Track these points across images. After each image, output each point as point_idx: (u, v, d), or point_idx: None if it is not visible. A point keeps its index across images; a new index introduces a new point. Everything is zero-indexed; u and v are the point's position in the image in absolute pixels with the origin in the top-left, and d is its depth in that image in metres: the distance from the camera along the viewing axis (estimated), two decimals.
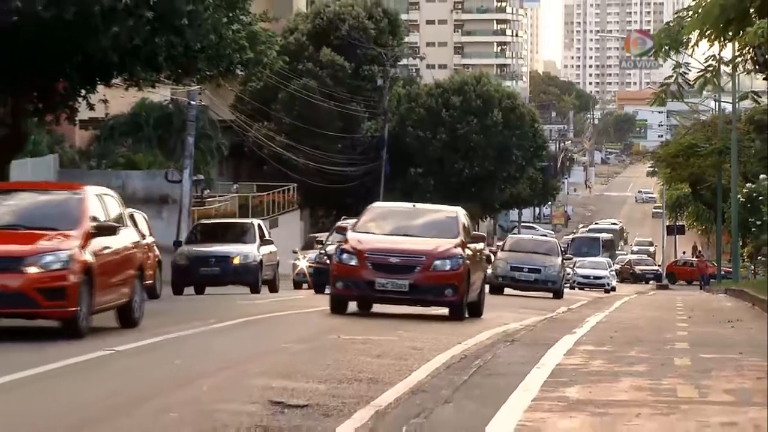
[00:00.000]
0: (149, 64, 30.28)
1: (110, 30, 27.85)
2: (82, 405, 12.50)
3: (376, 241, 24.52)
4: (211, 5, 29.60)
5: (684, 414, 12.39)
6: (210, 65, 31.49)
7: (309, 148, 75.46)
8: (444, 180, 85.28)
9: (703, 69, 30.56)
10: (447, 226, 25.32)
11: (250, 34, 31.67)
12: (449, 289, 23.60)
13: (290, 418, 11.88)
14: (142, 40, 28.47)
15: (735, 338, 21.75)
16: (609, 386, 14.37)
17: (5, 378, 13.81)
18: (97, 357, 16.23)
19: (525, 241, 49.54)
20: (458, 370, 15.86)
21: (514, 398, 13.12)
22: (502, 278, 43.05)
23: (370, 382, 14.41)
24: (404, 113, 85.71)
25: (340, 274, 24.03)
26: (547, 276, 42.97)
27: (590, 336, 21.46)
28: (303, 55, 79.22)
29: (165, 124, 64.04)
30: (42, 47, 28.20)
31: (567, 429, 11.41)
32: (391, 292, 23.69)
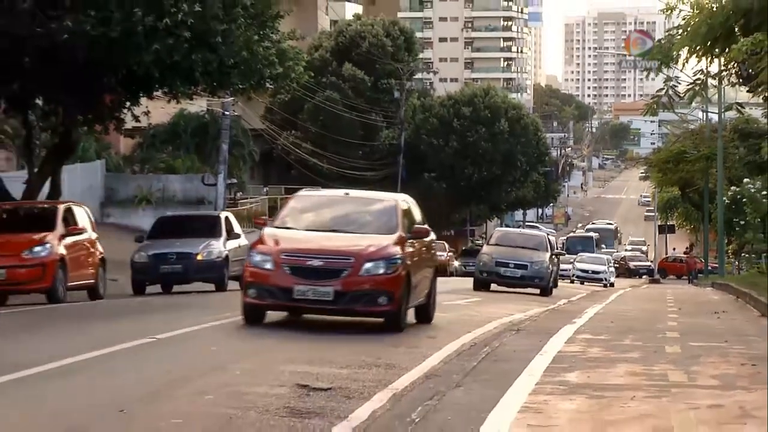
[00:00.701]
0: (187, 79, 30.30)
1: (152, 48, 27.89)
2: (131, 386, 12.52)
3: (296, 239, 18.97)
4: (243, 25, 29.61)
5: (674, 397, 12.37)
6: (242, 79, 31.48)
7: (332, 154, 75.53)
8: (455, 183, 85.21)
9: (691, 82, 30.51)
10: (384, 219, 19.61)
11: (279, 51, 31.66)
12: (383, 296, 18.06)
13: (315, 400, 11.89)
14: (180, 56, 28.49)
15: (721, 328, 21.70)
16: (606, 371, 14.35)
17: (66, 360, 13.86)
18: (142, 344, 16.27)
19: (512, 235, 42.83)
20: (468, 356, 15.86)
21: (519, 382, 13.11)
22: (487, 273, 37.57)
23: (387, 368, 14.41)
24: (419, 123, 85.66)
25: (252, 280, 18.46)
26: (534, 272, 36.98)
27: (588, 326, 21.43)
28: (327, 70, 79.28)
29: (201, 133, 64.09)
30: (90, 63, 28.24)
31: (567, 410, 11.40)
32: (312, 301, 18.16)
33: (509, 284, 37.00)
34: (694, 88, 30.58)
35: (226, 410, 11.10)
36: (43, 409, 11.21)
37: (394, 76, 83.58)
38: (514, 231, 47.62)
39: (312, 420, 10.84)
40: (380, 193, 22.87)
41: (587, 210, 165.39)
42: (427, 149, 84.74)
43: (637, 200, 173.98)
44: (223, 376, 13.13)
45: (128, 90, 31.37)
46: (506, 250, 38.03)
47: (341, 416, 11.06)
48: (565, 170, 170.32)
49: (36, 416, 10.82)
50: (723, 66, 30.81)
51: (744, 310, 27.71)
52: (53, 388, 12.46)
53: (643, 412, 11.35)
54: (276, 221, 19.77)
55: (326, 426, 10.59)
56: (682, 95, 30.84)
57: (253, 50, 30.22)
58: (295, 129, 77.17)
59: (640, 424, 10.69)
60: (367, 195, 21.87)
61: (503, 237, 41.21)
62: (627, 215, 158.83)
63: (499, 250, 38.20)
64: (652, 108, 31.33)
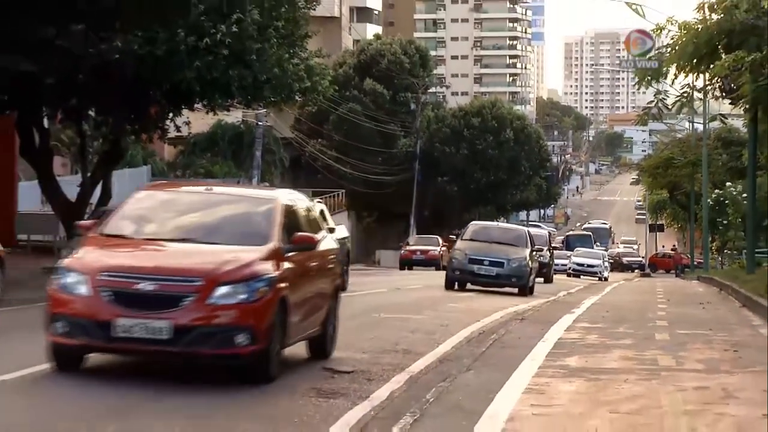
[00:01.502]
0: (225, 93, 30.31)
1: (193, 65, 27.93)
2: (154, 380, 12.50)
3: (125, 253, 11.96)
4: (275, 44, 29.63)
5: (664, 380, 12.34)
6: (274, 93, 31.47)
7: (355, 160, 75.48)
8: (465, 186, 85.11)
9: (679, 95, 30.53)
10: (255, 225, 12.48)
11: (307, 68, 31.66)
12: (242, 334, 11.13)
13: (339, 382, 11.89)
14: (219, 73, 28.52)
15: (706, 317, 21.65)
16: (602, 356, 14.33)
17: None
18: None
19: (489, 230, 34.64)
20: (477, 343, 15.86)
21: (523, 366, 13.10)
22: (459, 272, 30.97)
23: (405, 353, 14.41)
24: (433, 132, 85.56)
25: (59, 311, 11.39)
26: (511, 270, 30.45)
27: (586, 315, 21.40)
28: (350, 85, 79.23)
29: (237, 141, 64.13)
30: (138, 79, 28.30)
31: (567, 392, 11.38)
32: (141, 341, 11.06)
33: (484, 283, 30.69)
34: (682, 100, 30.62)
35: (257, 390, 11.10)
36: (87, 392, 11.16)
37: (411, 90, 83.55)
38: (490, 225, 38.14)
39: (337, 400, 10.84)
40: (256, 190, 17.04)
41: (585, 211, 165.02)
42: (440, 156, 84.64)
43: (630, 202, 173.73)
44: None
45: (172, 103, 31.41)
46: (481, 246, 31.27)
47: (363, 396, 11.06)
48: (565, 175, 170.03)
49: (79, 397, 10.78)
50: (708, 81, 30.80)
51: (727, 301, 27.64)
52: None
53: (636, 393, 11.32)
54: (105, 225, 12.65)
55: (349, 405, 10.59)
56: (671, 107, 30.84)
57: (284, 67, 30.21)
58: (321, 137, 77.15)
59: (633, 404, 10.67)
60: (237, 192, 15.22)
61: (479, 231, 33.44)
62: (620, 215, 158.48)
63: (473, 246, 31.30)
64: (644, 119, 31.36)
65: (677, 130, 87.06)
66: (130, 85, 28.41)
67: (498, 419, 9.77)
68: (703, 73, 28.85)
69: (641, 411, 10.31)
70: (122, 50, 27.00)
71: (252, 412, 10.03)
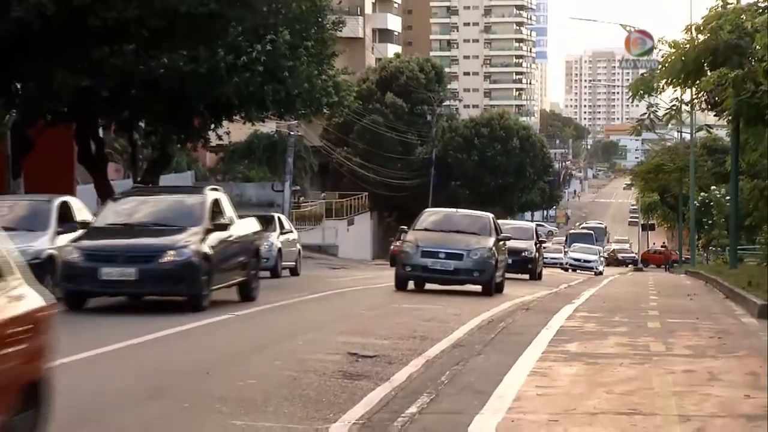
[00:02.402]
0: (260, 106, 30.35)
1: (232, 81, 27.97)
2: (216, 353, 12.57)
3: None
4: (305, 62, 29.66)
5: (655, 363, 12.31)
6: (305, 106, 31.50)
7: (377, 166, 75.52)
8: (476, 190, 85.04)
9: (669, 108, 30.39)
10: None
11: (334, 83, 31.69)
12: None
13: (363, 365, 11.90)
14: (255, 88, 28.56)
15: (693, 307, 21.57)
16: (599, 342, 14.30)
17: (158, 334, 13.91)
18: (223, 319, 16.32)
19: (445, 217, 26.31)
20: (487, 330, 15.84)
21: (528, 351, 13.08)
22: (411, 268, 23.56)
23: (421, 339, 14.41)
24: (447, 140, 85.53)
25: None
26: (473, 263, 23.24)
27: (585, 305, 21.34)
28: (372, 98, 79.27)
29: (271, 149, 64.25)
30: (183, 93, 28.37)
31: (568, 374, 11.36)
32: None
33: (441, 281, 23.78)
34: (671, 112, 30.49)
35: (290, 373, 11.13)
36: (140, 370, 11.26)
37: (427, 103, 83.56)
38: (447, 211, 28.06)
39: (360, 381, 10.85)
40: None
41: (584, 211, 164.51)
42: (454, 162, 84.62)
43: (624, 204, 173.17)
44: (289, 345, 13.17)
45: (213, 114, 31.47)
46: (436, 236, 24.06)
47: (384, 378, 11.06)
48: (566, 179, 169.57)
49: (139, 376, 10.87)
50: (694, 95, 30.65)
51: (712, 293, 27.52)
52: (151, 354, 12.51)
53: (630, 376, 11.30)
54: None
55: (372, 386, 10.60)
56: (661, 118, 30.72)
57: (313, 83, 30.24)
58: (347, 146, 77.23)
59: (627, 386, 10.65)
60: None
61: (434, 220, 25.62)
62: (615, 216, 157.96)
63: (428, 236, 24.06)
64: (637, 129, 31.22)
65: (667, 139, 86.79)
66: (175, 99, 28.48)
67: (506, 399, 9.76)
68: (690, 87, 28.77)
69: (635, 392, 10.29)
70: (168, 67, 27.07)
71: (287, 393, 10.06)
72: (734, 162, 32.71)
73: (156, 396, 9.78)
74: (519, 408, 9.35)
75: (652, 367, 12.00)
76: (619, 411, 9.29)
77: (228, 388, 10.17)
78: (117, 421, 8.73)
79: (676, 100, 30.35)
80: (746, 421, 8.91)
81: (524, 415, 9.05)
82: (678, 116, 32.55)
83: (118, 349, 12.59)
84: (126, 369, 11.33)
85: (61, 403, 9.22)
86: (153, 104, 28.70)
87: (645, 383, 10.80)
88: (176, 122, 30.61)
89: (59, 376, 7.73)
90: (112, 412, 9.06)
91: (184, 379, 10.78)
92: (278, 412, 9.15)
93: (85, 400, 9.44)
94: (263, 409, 9.28)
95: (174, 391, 10.09)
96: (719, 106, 28.57)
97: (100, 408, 9.19)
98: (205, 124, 31.96)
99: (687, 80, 27.48)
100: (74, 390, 9.95)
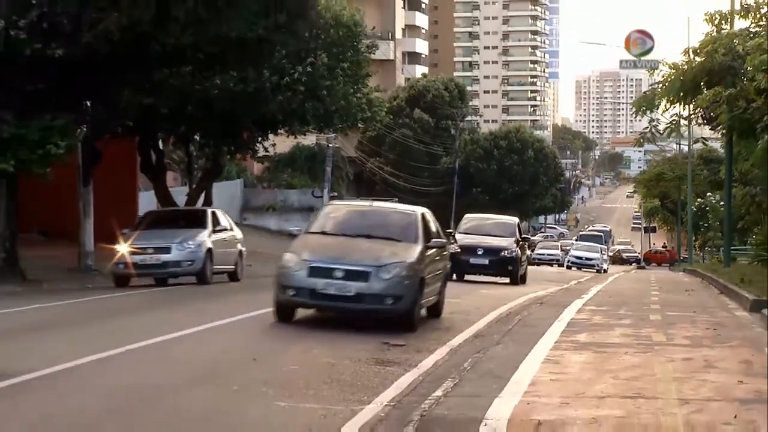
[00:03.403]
0: (302, 121, 30.47)
1: (277, 99, 28.10)
2: (260, 342, 12.56)
3: None
4: (342, 82, 29.75)
5: (656, 352, 12.24)
6: (341, 121, 31.62)
7: (406, 174, 75.52)
8: (495, 196, 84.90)
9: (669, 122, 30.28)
10: None
11: (368, 100, 31.78)
12: None
13: (393, 353, 11.88)
14: (297, 105, 28.69)
15: (690, 302, 21.44)
16: (606, 333, 14.23)
17: (212, 324, 13.94)
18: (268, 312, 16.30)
19: (351, 215, 15.34)
20: (505, 322, 15.79)
21: (542, 341, 13.03)
22: (295, 292, 13.54)
23: (446, 330, 14.37)
24: (469, 152, 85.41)
25: None
26: (383, 287, 13.35)
27: (593, 300, 21.25)
28: (402, 114, 79.31)
29: (312, 159, 64.36)
30: (233, 110, 28.48)
31: (578, 362, 11.31)
32: None
33: (336, 309, 13.96)
34: (671, 126, 30.38)
35: (328, 360, 11.13)
36: (193, 357, 11.29)
37: (451, 118, 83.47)
38: (354, 206, 16.41)
39: (391, 368, 10.83)
40: None
41: (592, 215, 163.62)
42: (475, 171, 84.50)
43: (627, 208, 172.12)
44: (326, 336, 13.15)
45: (260, 129, 31.59)
46: (334, 243, 14.31)
47: (412, 365, 11.04)
48: (575, 186, 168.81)
49: (190, 362, 10.89)
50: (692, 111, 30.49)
51: (707, 289, 27.33)
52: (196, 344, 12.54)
53: (634, 363, 11.24)
54: None
55: (402, 371, 10.58)
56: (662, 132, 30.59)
57: (349, 100, 30.34)
58: (379, 156, 77.26)
59: (631, 372, 10.59)
60: None
61: (335, 219, 15.28)
62: (620, 220, 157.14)
63: (323, 243, 14.35)
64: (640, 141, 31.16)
65: (667, 151, 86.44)
66: (226, 115, 28.62)
67: (522, 383, 9.73)
68: (688, 104, 28.64)
69: (638, 378, 10.23)
70: (220, 87, 27.21)
71: (325, 378, 10.06)
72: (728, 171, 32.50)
73: (209, 380, 9.80)
74: (534, 392, 9.31)
75: (654, 355, 11.93)
76: (624, 395, 9.24)
77: (272, 374, 10.18)
78: (175, 401, 8.76)
79: (675, 115, 30.26)
80: (740, 404, 8.85)
81: (539, 398, 9.02)
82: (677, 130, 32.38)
83: (181, 336, 12.64)
84: (184, 356, 11.36)
85: (138, 380, 9.27)
86: (207, 120, 28.86)
87: (647, 370, 10.74)
88: (227, 136, 30.78)
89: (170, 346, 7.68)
90: (172, 393, 9.08)
91: (233, 366, 10.80)
92: (318, 395, 9.15)
93: (146, 384, 9.48)
94: (304, 392, 9.28)
95: (224, 376, 10.11)
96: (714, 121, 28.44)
97: (160, 391, 9.22)
98: (253, 137, 32.10)
99: (685, 98, 27.42)
100: (144, 375, 10.01)
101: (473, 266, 26.37)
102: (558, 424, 7.94)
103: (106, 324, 14.34)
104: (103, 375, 9.90)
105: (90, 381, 9.56)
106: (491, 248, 26.49)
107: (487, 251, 26.39)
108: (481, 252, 26.33)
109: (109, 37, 19.26)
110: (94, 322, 14.63)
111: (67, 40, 19.22)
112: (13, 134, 19.88)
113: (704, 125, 31.89)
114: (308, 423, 8.03)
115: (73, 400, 8.65)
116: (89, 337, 12.59)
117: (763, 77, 19.79)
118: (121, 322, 14.67)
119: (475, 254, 26.27)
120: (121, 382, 9.57)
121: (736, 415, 8.35)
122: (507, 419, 8.08)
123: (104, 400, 8.68)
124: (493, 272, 26.79)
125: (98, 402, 8.60)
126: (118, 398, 8.76)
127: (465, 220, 29.10)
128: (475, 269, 26.50)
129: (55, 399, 8.67)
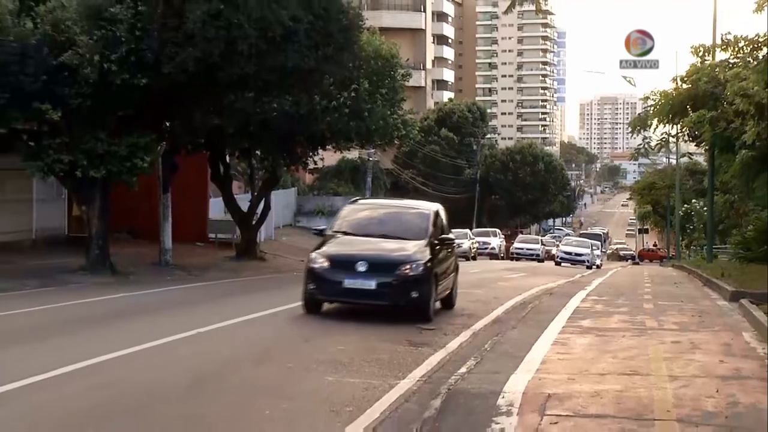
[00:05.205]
0: (346, 138, 30.46)
1: (325, 120, 28.13)
2: (311, 326, 12.61)
3: None
4: (381, 104, 29.73)
5: (650, 336, 12.17)
6: (380, 138, 31.56)
7: (435, 184, 75.43)
8: (511, 203, 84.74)
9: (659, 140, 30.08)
10: None
11: (403, 121, 31.71)
12: None
13: (425, 336, 11.88)
14: (342, 125, 28.69)
15: (678, 293, 21.25)
16: (606, 319, 14.16)
17: (269, 311, 13.98)
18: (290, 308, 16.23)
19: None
20: (519, 309, 15.75)
21: (552, 326, 12.99)
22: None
23: (468, 316, 14.36)
24: (488, 164, 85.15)
25: None
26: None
27: (595, 291, 21.14)
28: (431, 132, 79.22)
29: (355, 170, 64.45)
30: (288, 129, 28.56)
31: (582, 344, 11.27)
32: None
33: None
34: (661, 143, 30.19)
35: (368, 342, 11.15)
36: (256, 339, 11.35)
37: (473, 136, 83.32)
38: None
39: (423, 348, 10.84)
40: None
41: (593, 219, 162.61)
42: (493, 181, 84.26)
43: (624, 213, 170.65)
44: (367, 321, 13.16)
45: (311, 145, 31.64)
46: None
47: (441, 346, 11.04)
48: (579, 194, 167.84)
49: (252, 342, 10.95)
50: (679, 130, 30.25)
51: (693, 282, 27.07)
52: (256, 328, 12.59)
53: (630, 345, 11.18)
54: None
55: (431, 352, 10.57)
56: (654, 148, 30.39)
57: (387, 120, 30.29)
58: (412, 168, 77.25)
59: (628, 353, 10.54)
60: None
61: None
62: (617, 223, 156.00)
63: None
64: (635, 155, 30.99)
65: (658, 164, 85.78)
66: (282, 134, 28.71)
67: (534, 362, 9.72)
68: (676, 124, 28.42)
69: (634, 357, 10.18)
70: (277, 110, 27.29)
71: (366, 356, 10.09)
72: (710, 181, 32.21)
73: (267, 359, 9.86)
74: (545, 369, 9.30)
75: (648, 338, 11.86)
76: (622, 372, 9.20)
77: (322, 353, 10.22)
78: (238, 377, 8.81)
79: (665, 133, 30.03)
80: (720, 380, 8.79)
81: (548, 374, 9.00)
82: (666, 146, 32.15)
83: (244, 321, 12.72)
84: (244, 337, 11.43)
85: (210, 356, 9.35)
86: (266, 137, 28.96)
87: (642, 351, 10.68)
88: (283, 151, 30.85)
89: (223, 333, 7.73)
90: (234, 370, 9.14)
91: (288, 346, 10.85)
92: (360, 371, 9.18)
93: (214, 360, 9.55)
94: (349, 368, 9.31)
95: (280, 355, 10.16)
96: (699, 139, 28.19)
97: (225, 367, 9.28)
98: (305, 152, 32.16)
99: (674, 119, 27.30)
100: (215, 352, 10.08)
101: (348, 292, 12.77)
102: (565, 397, 7.93)
103: (180, 310, 14.45)
104: (178, 352, 9.99)
105: (176, 355, 9.65)
106: (381, 261, 12.79)
107: (375, 266, 12.70)
108: (364, 268, 12.67)
109: (185, 68, 19.43)
110: (174, 308, 14.75)
111: (150, 71, 19.45)
112: (106, 150, 20.22)
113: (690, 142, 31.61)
114: (352, 394, 8.06)
115: (167, 371, 8.74)
116: (171, 320, 12.70)
117: (741, 101, 19.63)
118: (194, 309, 14.78)
119: (352, 271, 12.68)
120: (194, 358, 9.64)
121: (717, 389, 8.31)
122: (521, 392, 8.08)
123: (189, 372, 8.77)
124: (385, 302, 12.87)
125: (185, 373, 8.68)
126: (196, 371, 8.84)
127: (346, 209, 14.82)
128: (351, 296, 12.83)
129: (158, 367, 8.76)
